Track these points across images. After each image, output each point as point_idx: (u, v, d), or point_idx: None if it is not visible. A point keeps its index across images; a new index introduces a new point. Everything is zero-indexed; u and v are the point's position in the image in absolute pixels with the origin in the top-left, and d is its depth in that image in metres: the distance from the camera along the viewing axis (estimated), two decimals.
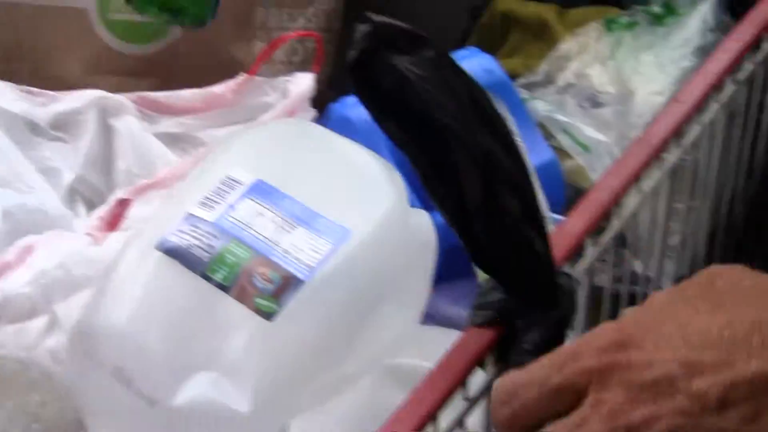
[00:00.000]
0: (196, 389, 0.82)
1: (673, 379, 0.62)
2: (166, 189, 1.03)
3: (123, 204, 1.05)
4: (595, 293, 1.06)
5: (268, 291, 0.84)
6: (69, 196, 1.20)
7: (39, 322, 0.98)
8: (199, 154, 1.06)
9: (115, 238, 1.00)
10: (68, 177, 1.21)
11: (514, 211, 0.75)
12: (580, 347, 0.67)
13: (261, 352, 0.83)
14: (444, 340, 0.79)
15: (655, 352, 0.64)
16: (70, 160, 1.22)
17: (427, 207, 0.94)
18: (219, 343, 0.83)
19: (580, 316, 0.99)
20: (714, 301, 0.65)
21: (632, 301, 1.09)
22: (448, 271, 1.04)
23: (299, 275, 0.84)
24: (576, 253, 0.92)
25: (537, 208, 0.77)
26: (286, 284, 0.84)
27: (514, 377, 0.68)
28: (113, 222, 1.05)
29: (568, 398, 0.66)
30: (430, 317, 0.96)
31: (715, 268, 0.68)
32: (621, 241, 1.07)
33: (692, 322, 0.64)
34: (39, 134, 1.25)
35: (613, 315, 1.05)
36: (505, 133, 0.76)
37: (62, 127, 1.24)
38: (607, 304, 1.03)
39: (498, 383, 0.69)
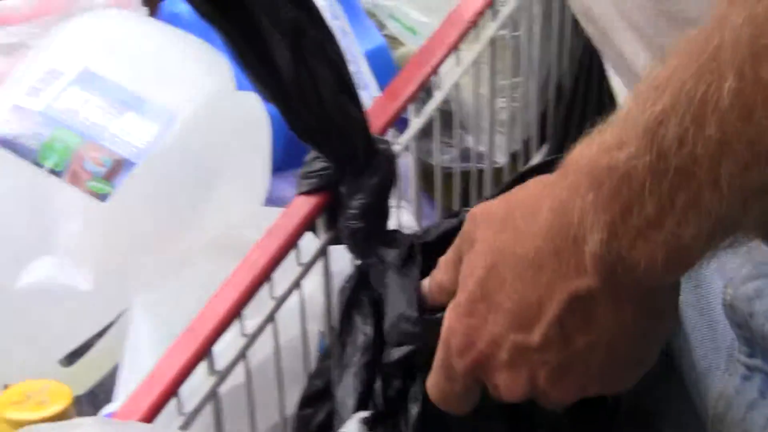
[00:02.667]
0: (38, 271, 0.85)
1: None
2: None
3: None
4: (431, 171, 1.10)
5: (100, 174, 0.87)
6: None
7: None
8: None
9: None
10: None
11: (326, 79, 0.78)
12: None
13: (97, 233, 0.86)
14: None
15: None
16: None
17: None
18: (56, 227, 0.86)
19: (412, 189, 1.03)
20: None
21: (466, 177, 1.14)
22: (293, 159, 1.07)
23: (130, 157, 0.88)
24: (402, 124, 0.96)
25: (349, 76, 0.80)
26: (117, 167, 0.87)
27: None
28: None
29: None
30: (276, 201, 1.00)
31: None
32: (450, 120, 1.12)
33: None
34: None
35: (447, 192, 1.10)
36: (310, 4, 0.78)
37: None
38: (439, 181, 1.08)
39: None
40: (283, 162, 1.07)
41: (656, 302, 0.63)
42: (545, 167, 0.67)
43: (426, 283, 0.73)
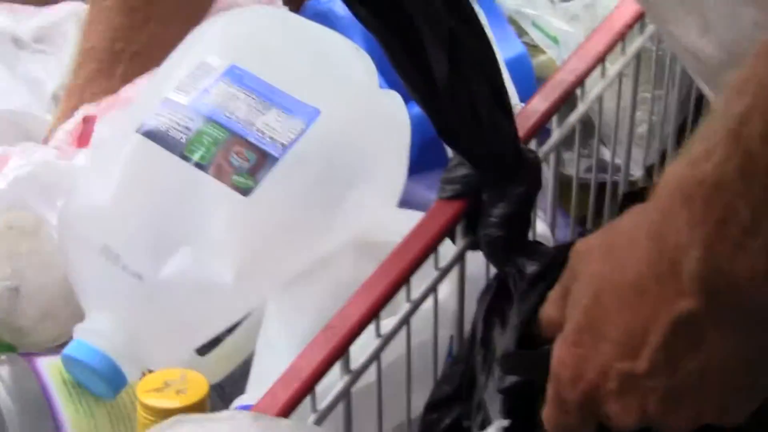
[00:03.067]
0: (180, 263, 0.86)
1: None
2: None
3: (89, 120, 1.08)
4: (565, 182, 1.10)
5: (245, 169, 0.88)
6: (54, 103, 1.24)
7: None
8: None
9: (84, 154, 1.03)
10: (51, 86, 1.24)
11: (479, 88, 0.79)
12: None
13: (240, 227, 0.87)
14: None
15: None
16: (52, 70, 1.25)
17: (404, 98, 0.98)
18: (200, 219, 0.87)
19: (548, 199, 1.03)
20: None
21: (601, 189, 1.13)
22: (426, 162, 1.07)
23: (274, 153, 0.88)
24: (542, 133, 0.96)
25: (502, 86, 0.80)
26: (262, 162, 0.88)
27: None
28: (82, 138, 1.08)
29: None
30: (408, 203, 1.00)
31: None
32: (588, 131, 1.11)
33: None
34: (23, 48, 1.28)
35: (581, 203, 1.10)
36: (471, 15, 0.79)
37: (44, 39, 1.27)
38: (575, 192, 1.07)
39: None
40: (416, 164, 1.07)
41: (764, 322, 0.61)
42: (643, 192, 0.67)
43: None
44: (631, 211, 0.64)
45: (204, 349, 0.94)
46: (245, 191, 0.87)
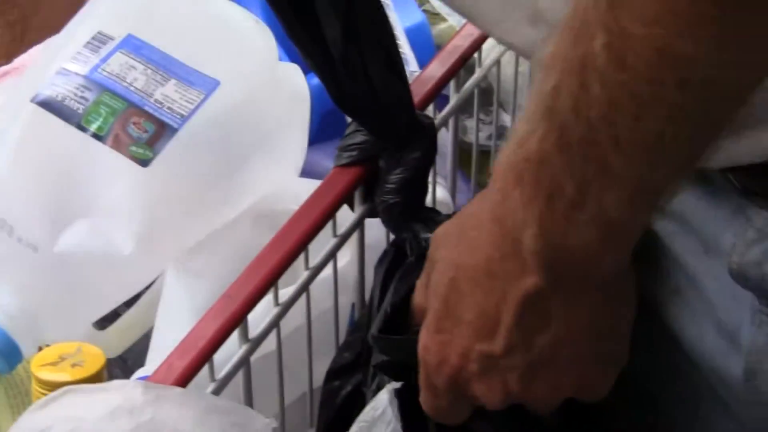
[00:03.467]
0: (77, 234, 0.86)
1: None
2: None
3: None
4: (466, 148, 1.10)
5: (143, 139, 0.87)
6: None
7: None
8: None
9: None
10: None
11: (373, 55, 0.79)
12: None
13: (138, 198, 0.87)
14: None
15: None
16: None
17: (305, 70, 0.98)
18: (97, 190, 0.86)
19: (448, 166, 1.03)
20: None
21: None
22: (327, 132, 1.08)
23: (172, 124, 0.88)
24: (442, 100, 0.96)
25: (396, 52, 0.81)
26: (160, 132, 0.88)
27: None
28: None
29: None
30: (309, 173, 1.00)
31: None
32: (488, 97, 1.11)
33: None
34: None
35: (483, 169, 1.10)
36: None
37: None
38: (475, 158, 1.08)
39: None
40: (317, 134, 1.07)
41: (609, 292, 0.63)
42: None
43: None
44: (478, 195, 0.65)
45: (103, 323, 0.94)
46: (143, 162, 0.87)
